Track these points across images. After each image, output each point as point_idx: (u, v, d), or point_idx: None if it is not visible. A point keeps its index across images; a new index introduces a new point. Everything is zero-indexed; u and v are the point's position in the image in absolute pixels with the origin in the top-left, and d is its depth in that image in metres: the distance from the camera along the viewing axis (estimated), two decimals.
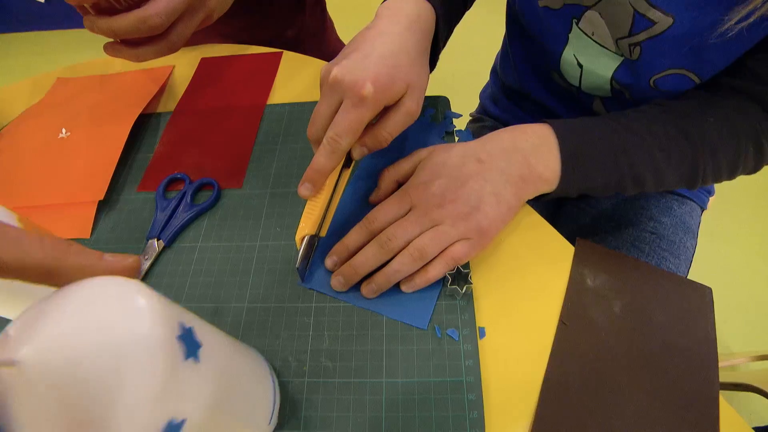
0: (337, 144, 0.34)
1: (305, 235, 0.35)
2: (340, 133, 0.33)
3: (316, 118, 0.35)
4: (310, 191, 0.35)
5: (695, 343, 0.33)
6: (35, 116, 0.56)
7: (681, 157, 0.38)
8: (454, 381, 0.32)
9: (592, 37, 0.44)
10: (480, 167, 0.36)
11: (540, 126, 0.38)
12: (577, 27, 0.45)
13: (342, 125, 0.33)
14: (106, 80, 0.60)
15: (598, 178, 0.38)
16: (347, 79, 0.33)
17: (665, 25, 0.38)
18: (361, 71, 0.33)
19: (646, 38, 0.40)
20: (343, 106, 0.34)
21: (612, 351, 0.33)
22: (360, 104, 0.33)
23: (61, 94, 0.59)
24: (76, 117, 0.54)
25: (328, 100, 0.35)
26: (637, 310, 0.35)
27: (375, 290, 0.35)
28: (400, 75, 0.35)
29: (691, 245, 0.58)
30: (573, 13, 0.44)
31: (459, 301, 0.35)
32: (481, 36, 0.90)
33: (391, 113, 0.36)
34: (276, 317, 0.36)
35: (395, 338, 0.34)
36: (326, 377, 0.33)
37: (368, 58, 0.34)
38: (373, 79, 0.33)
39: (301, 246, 0.35)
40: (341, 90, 0.34)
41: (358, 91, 0.33)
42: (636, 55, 0.42)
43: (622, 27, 0.41)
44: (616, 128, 0.38)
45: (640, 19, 0.39)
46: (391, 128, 0.36)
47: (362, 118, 0.34)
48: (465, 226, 0.35)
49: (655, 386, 0.31)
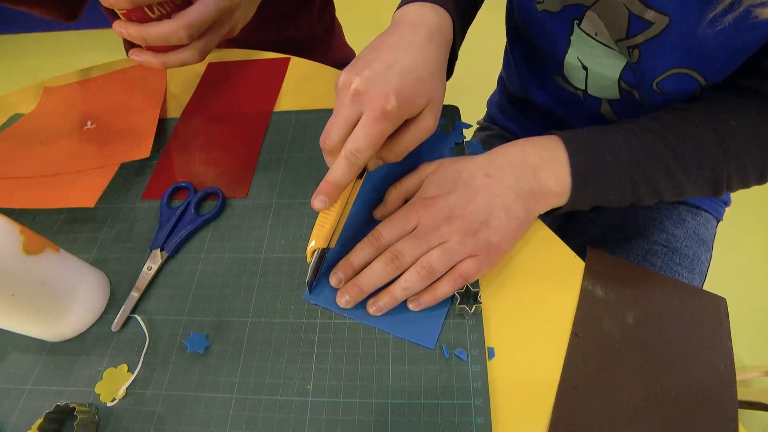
0: (357, 159, 0.32)
1: (316, 248, 0.34)
2: (361, 149, 0.32)
3: (333, 129, 0.34)
4: (324, 204, 0.33)
5: (712, 354, 0.32)
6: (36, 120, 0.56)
7: (700, 164, 0.36)
8: (462, 403, 0.31)
9: (596, 37, 0.43)
10: (488, 182, 0.35)
11: (549, 138, 0.37)
12: (579, 28, 0.43)
13: (363, 140, 0.32)
14: (106, 79, 0.60)
15: (611, 191, 0.36)
16: (370, 91, 0.32)
17: (662, 25, 0.36)
18: (384, 84, 0.33)
19: (644, 40, 0.38)
20: (365, 119, 0.32)
21: (626, 363, 0.32)
22: (382, 118, 0.32)
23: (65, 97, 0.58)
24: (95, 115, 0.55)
25: (347, 111, 0.33)
26: (650, 321, 0.34)
27: (381, 308, 0.34)
28: (422, 89, 0.34)
29: (705, 258, 0.56)
30: (573, 15, 0.43)
31: (468, 320, 0.34)
32: (488, 42, 0.89)
33: (410, 128, 0.35)
34: (280, 333, 0.35)
35: (402, 358, 0.33)
36: (331, 396, 0.32)
37: (391, 69, 0.33)
38: (397, 93, 0.32)
39: (312, 259, 0.35)
40: (362, 102, 0.33)
41: (381, 105, 0.32)
42: (636, 57, 0.40)
43: (620, 29, 0.40)
44: (629, 138, 0.37)
45: (636, 20, 0.38)
46: (408, 143, 0.36)
47: (384, 133, 0.33)
48: (474, 243, 0.34)
49: (672, 398, 0.30)
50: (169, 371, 0.35)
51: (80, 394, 0.35)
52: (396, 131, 0.35)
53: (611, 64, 0.44)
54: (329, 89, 0.54)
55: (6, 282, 0.30)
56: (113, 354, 0.36)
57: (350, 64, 0.36)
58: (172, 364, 0.35)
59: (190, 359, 0.35)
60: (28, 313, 0.33)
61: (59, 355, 0.37)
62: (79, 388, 0.35)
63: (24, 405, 0.35)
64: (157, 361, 0.35)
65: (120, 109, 0.55)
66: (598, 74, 0.46)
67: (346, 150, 0.33)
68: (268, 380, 0.33)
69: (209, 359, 0.35)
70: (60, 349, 0.37)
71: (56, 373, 0.36)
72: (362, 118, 0.33)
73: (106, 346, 0.37)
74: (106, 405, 0.34)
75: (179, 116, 0.54)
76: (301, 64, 0.58)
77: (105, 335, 0.37)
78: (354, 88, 0.33)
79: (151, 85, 0.57)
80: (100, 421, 0.33)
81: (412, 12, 0.39)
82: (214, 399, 0.33)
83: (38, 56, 2.16)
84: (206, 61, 0.60)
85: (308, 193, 0.43)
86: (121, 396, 0.34)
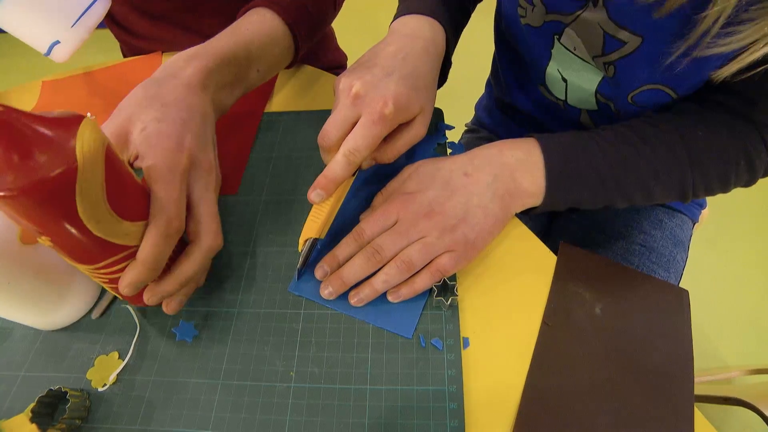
0: (355, 157, 0.35)
1: (309, 238, 0.36)
2: (359, 148, 0.35)
3: (331, 128, 0.36)
4: (321, 198, 0.36)
5: (672, 342, 0.34)
6: None
7: (668, 171, 0.39)
8: (437, 390, 0.33)
9: (575, 52, 0.45)
10: (467, 181, 0.37)
11: (527, 141, 0.39)
12: (559, 43, 0.46)
13: (362, 140, 0.35)
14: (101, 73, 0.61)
15: (584, 193, 0.38)
16: (370, 95, 0.35)
17: (635, 45, 0.39)
18: (384, 89, 0.35)
19: (618, 58, 0.41)
20: (363, 121, 0.35)
21: (593, 351, 0.34)
22: (380, 122, 0.35)
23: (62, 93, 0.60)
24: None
25: (346, 113, 0.36)
26: (617, 312, 0.36)
27: (362, 300, 0.36)
28: (416, 98, 0.37)
29: (681, 258, 0.58)
30: (554, 30, 0.45)
31: (444, 311, 0.36)
32: (478, 47, 0.91)
33: (402, 133, 0.38)
34: (265, 322, 0.37)
35: (380, 346, 0.35)
36: (312, 382, 0.34)
37: (390, 77, 0.36)
38: (394, 99, 0.35)
39: (303, 248, 0.37)
40: (362, 105, 0.35)
41: (380, 109, 0.34)
42: (611, 73, 0.43)
43: (596, 46, 0.42)
44: (602, 144, 0.39)
45: (611, 39, 0.40)
46: (400, 147, 0.38)
47: (380, 135, 0.35)
48: (451, 238, 0.35)
49: (634, 385, 0.32)
50: (159, 358, 0.36)
51: (72, 380, 0.36)
52: (389, 135, 0.37)
53: (589, 77, 0.46)
54: (320, 92, 0.55)
55: (2, 270, 0.32)
56: (104, 342, 0.38)
57: (350, 69, 0.38)
58: (161, 352, 0.36)
59: (178, 347, 0.37)
60: (23, 301, 0.34)
61: (52, 343, 0.38)
62: (72, 374, 0.36)
63: (17, 390, 0.36)
64: (146, 348, 0.37)
65: (117, 100, 0.56)
66: (577, 86, 0.48)
67: (345, 148, 0.35)
68: (253, 367, 0.35)
69: (197, 347, 0.36)
70: (53, 337, 0.38)
71: (49, 360, 0.37)
72: (361, 119, 0.35)
73: (98, 334, 0.38)
74: (98, 390, 0.35)
75: None
76: None
77: (97, 324, 0.39)
78: (355, 91, 0.35)
79: (145, 78, 0.58)
80: (91, 406, 0.34)
81: (410, 24, 0.42)
82: (201, 384, 0.34)
83: (35, 55, 2.17)
84: None
85: (295, 191, 0.45)
86: (112, 381, 0.35)
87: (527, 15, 0.47)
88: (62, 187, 0.25)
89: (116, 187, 0.28)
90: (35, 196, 0.24)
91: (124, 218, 0.29)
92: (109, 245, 0.29)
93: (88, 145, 0.25)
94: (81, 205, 0.26)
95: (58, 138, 0.25)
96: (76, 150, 0.25)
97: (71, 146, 0.25)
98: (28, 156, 0.24)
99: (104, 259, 0.30)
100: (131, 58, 0.63)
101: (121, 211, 0.29)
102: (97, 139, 0.26)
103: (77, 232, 0.27)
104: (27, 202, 0.24)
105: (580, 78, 0.47)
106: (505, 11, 0.52)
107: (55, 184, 0.24)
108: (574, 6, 0.41)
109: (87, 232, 0.27)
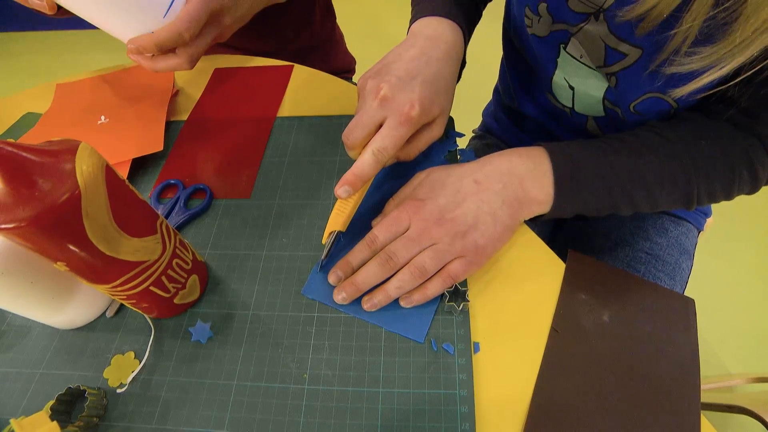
0: (382, 156, 0.37)
1: (334, 231, 0.38)
2: (387, 147, 0.37)
3: (356, 128, 0.38)
4: (348, 194, 0.37)
5: (679, 350, 0.35)
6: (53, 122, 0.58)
7: (673, 180, 0.39)
8: (448, 393, 0.33)
9: (581, 60, 0.46)
10: (477, 188, 0.38)
11: (535, 150, 0.40)
12: (565, 51, 0.47)
13: (389, 140, 0.37)
14: (118, 77, 0.63)
15: (591, 201, 0.39)
16: (397, 98, 0.37)
17: (635, 57, 0.39)
18: (410, 92, 0.37)
19: (619, 69, 0.42)
20: (391, 123, 0.37)
21: (601, 358, 0.35)
22: (406, 123, 0.37)
23: (71, 97, 0.61)
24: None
25: (373, 114, 0.38)
26: (624, 319, 0.36)
27: (375, 305, 0.36)
28: (438, 100, 0.39)
29: (686, 266, 0.59)
30: (560, 39, 0.46)
31: (456, 316, 0.37)
32: (486, 54, 0.92)
33: (423, 133, 0.40)
34: (279, 325, 0.38)
35: (393, 350, 0.36)
36: (325, 385, 0.34)
37: (415, 80, 0.38)
38: (420, 102, 0.37)
39: (327, 240, 0.39)
40: (388, 107, 0.37)
41: (407, 111, 0.37)
42: (614, 83, 0.44)
43: (598, 58, 0.43)
44: (609, 152, 0.39)
45: (612, 52, 0.41)
46: (421, 146, 0.41)
47: (406, 136, 0.38)
48: (462, 245, 0.36)
49: (641, 391, 0.33)
50: (174, 358, 0.37)
51: (89, 378, 0.37)
52: (411, 135, 0.39)
53: (596, 84, 0.47)
54: (330, 97, 0.56)
55: (27, 269, 0.33)
56: (120, 341, 0.38)
57: (375, 70, 0.40)
58: (176, 352, 0.37)
59: (194, 348, 0.37)
60: (45, 300, 0.35)
61: (69, 342, 0.39)
62: (89, 372, 0.37)
63: (36, 388, 0.37)
64: (162, 349, 0.38)
65: (130, 104, 0.57)
66: (584, 93, 0.49)
67: (373, 147, 0.37)
68: (268, 369, 0.36)
69: (212, 348, 0.37)
70: (70, 336, 0.39)
71: (67, 359, 0.38)
72: (388, 120, 0.37)
73: (114, 333, 0.39)
74: (115, 390, 0.36)
75: (186, 119, 0.56)
76: (303, 71, 0.60)
77: (113, 323, 0.39)
78: (383, 94, 0.37)
79: (159, 82, 0.59)
80: (108, 404, 0.35)
81: (431, 26, 0.44)
82: (216, 385, 0.35)
83: (38, 54, 2.19)
84: (212, 66, 0.63)
85: (308, 196, 0.46)
86: (129, 381, 0.36)
87: (533, 25, 0.48)
88: (69, 212, 0.26)
89: (120, 206, 0.29)
90: (44, 225, 0.25)
91: (131, 235, 0.30)
92: (121, 263, 0.31)
93: (87, 170, 0.27)
94: (89, 227, 0.27)
95: (59, 166, 0.26)
96: (76, 175, 0.26)
97: (72, 173, 0.26)
98: (32, 187, 0.25)
99: (119, 278, 0.31)
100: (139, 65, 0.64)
101: (128, 229, 0.30)
102: (95, 163, 0.27)
103: (89, 254, 0.28)
104: (37, 231, 0.25)
105: (587, 85, 0.48)
106: (513, 20, 0.53)
107: (62, 210, 0.25)
108: (577, 18, 0.42)
109: (98, 252, 0.29)
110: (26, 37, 2.29)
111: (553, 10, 0.44)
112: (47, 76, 2.00)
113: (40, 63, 2.13)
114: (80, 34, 2.20)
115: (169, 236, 0.34)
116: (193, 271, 0.38)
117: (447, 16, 0.45)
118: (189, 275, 0.37)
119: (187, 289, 0.38)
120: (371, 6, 2.17)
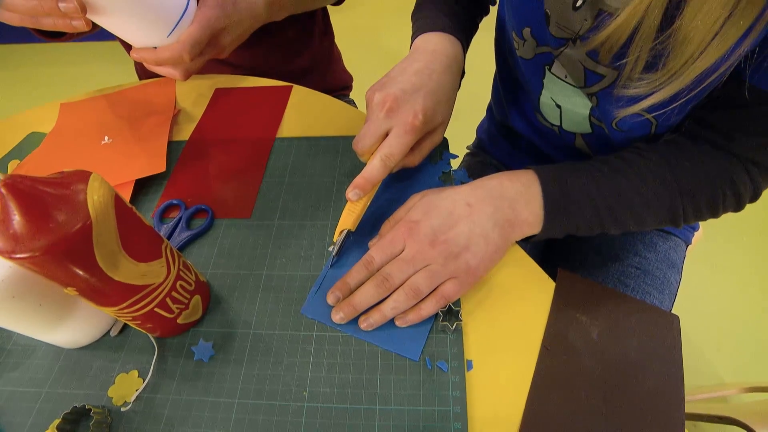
0: (390, 161, 0.40)
1: (344, 229, 0.41)
2: (395, 153, 0.40)
3: (366, 137, 0.41)
4: (358, 196, 0.41)
5: (664, 365, 0.37)
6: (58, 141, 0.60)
7: (659, 201, 0.41)
8: (442, 410, 0.34)
9: (566, 80, 0.48)
10: (469, 211, 0.39)
11: (525, 173, 0.42)
12: (550, 72, 0.49)
13: (396, 147, 0.40)
14: (122, 95, 0.64)
15: (580, 222, 0.41)
16: (402, 108, 0.41)
17: (612, 78, 0.42)
18: (414, 104, 0.41)
19: (599, 90, 0.44)
20: (397, 131, 0.41)
21: (590, 374, 0.36)
22: (411, 131, 0.40)
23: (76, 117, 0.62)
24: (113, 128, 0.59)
25: (380, 124, 0.41)
26: (612, 337, 0.38)
27: (372, 324, 0.38)
28: (440, 110, 0.43)
29: (675, 280, 0.61)
30: (544, 61, 0.48)
31: (449, 335, 0.38)
32: (480, 70, 0.95)
33: (426, 141, 0.45)
34: (279, 343, 0.39)
35: (389, 368, 0.37)
36: (324, 402, 0.36)
37: (418, 92, 0.42)
38: (423, 112, 0.41)
39: (338, 238, 0.41)
40: (394, 117, 0.41)
41: (411, 121, 0.40)
42: (595, 102, 0.46)
43: (578, 79, 0.45)
44: (596, 175, 0.41)
45: (590, 74, 0.43)
46: (423, 153, 0.45)
47: (411, 143, 0.41)
48: (455, 266, 0.38)
49: (628, 406, 0.34)
50: (177, 377, 0.38)
51: (93, 397, 0.38)
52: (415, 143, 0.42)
53: (583, 102, 0.49)
54: (328, 117, 0.58)
55: (36, 293, 0.34)
56: (124, 360, 0.39)
57: (382, 83, 0.43)
58: (179, 371, 0.38)
59: (196, 366, 0.38)
60: (51, 320, 0.36)
61: (74, 361, 0.40)
62: (93, 391, 0.38)
63: (41, 407, 0.38)
64: (165, 368, 0.39)
65: (134, 124, 0.59)
66: (571, 111, 0.51)
67: (382, 153, 0.40)
68: (268, 387, 0.37)
69: (214, 367, 0.38)
70: (75, 355, 0.40)
71: (71, 378, 0.39)
72: (395, 129, 0.41)
73: (117, 353, 0.40)
74: (119, 408, 0.37)
75: (187, 138, 0.58)
76: (302, 92, 0.62)
77: (117, 342, 0.40)
78: (389, 105, 0.41)
79: (162, 101, 0.61)
80: (112, 422, 0.36)
81: (432, 41, 0.47)
82: (218, 403, 0.36)
83: (38, 66, 2.20)
84: (213, 85, 0.65)
85: (307, 215, 0.47)
86: (133, 400, 0.37)
87: (520, 48, 0.50)
88: (80, 241, 0.27)
89: (128, 233, 0.30)
90: (56, 253, 0.26)
91: (138, 260, 0.32)
92: (128, 287, 0.32)
93: (98, 200, 0.28)
94: (99, 255, 0.28)
95: (70, 197, 0.27)
96: (88, 206, 0.27)
97: (84, 204, 0.27)
98: (45, 218, 0.26)
99: (126, 300, 0.33)
100: (146, 82, 0.66)
101: (135, 254, 0.31)
102: (106, 193, 0.29)
103: (98, 279, 0.30)
104: (50, 259, 0.26)
105: (573, 104, 0.50)
106: (506, 40, 0.55)
107: (74, 240, 0.27)
108: (557, 43, 0.44)
109: (107, 278, 0.30)
110: (25, 48, 2.30)
111: (536, 34, 0.46)
112: (48, 88, 2.02)
113: (41, 75, 2.14)
114: (80, 46, 2.22)
115: (173, 259, 0.36)
116: (195, 291, 0.39)
117: (446, 30, 0.48)
118: (192, 296, 0.39)
119: (190, 309, 0.39)
120: (368, 25, 2.21)
